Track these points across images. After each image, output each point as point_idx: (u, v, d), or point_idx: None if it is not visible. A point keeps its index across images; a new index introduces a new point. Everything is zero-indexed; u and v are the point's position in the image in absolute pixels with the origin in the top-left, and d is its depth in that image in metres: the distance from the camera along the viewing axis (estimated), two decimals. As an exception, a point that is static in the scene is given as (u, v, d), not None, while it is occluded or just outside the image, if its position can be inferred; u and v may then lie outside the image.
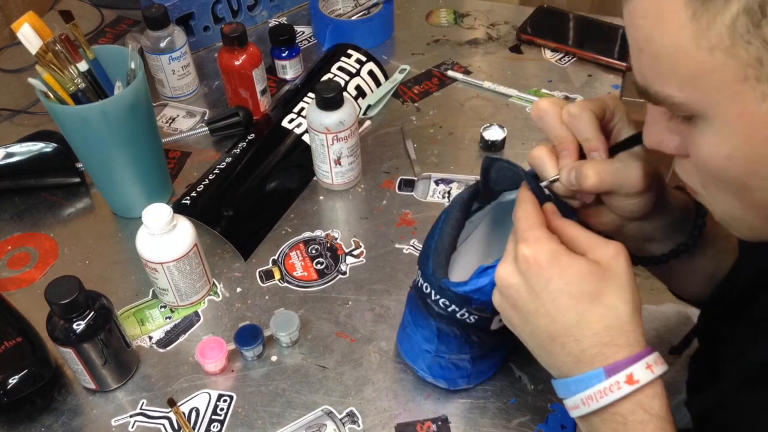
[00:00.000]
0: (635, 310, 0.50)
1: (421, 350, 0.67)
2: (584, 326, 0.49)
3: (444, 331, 0.64)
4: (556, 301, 0.50)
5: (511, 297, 0.52)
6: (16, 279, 0.84)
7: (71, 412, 0.71)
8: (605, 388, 0.48)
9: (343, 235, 0.87)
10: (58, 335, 0.66)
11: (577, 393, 0.50)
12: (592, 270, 0.50)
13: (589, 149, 0.55)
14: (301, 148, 0.94)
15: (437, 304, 0.61)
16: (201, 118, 1.04)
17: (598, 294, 0.49)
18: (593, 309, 0.49)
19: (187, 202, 0.86)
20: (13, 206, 0.92)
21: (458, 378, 0.68)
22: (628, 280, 0.50)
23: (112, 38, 1.20)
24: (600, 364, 0.48)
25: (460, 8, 1.23)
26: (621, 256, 0.50)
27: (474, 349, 0.66)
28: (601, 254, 0.50)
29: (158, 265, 0.73)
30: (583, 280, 0.49)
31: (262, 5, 1.20)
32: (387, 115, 1.03)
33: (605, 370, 0.48)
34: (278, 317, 0.75)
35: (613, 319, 0.49)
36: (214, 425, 0.69)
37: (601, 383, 0.48)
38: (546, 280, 0.50)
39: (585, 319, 0.49)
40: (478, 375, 0.69)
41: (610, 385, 0.48)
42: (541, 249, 0.50)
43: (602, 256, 0.50)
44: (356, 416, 0.69)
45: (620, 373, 0.48)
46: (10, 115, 1.06)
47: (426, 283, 0.62)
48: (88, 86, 0.79)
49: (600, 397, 0.48)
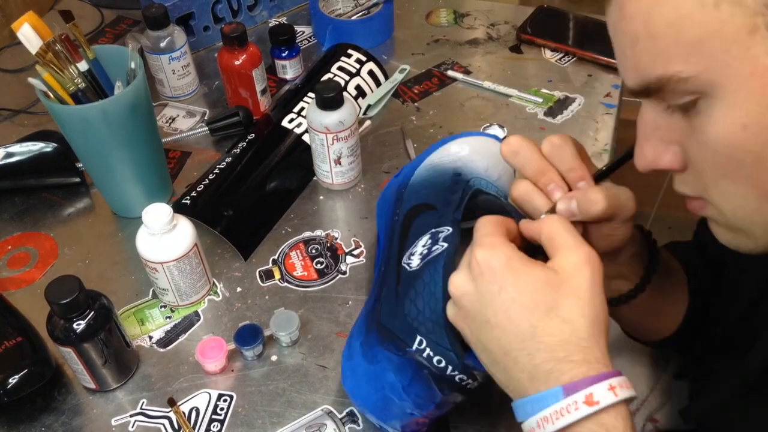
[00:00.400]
0: (595, 325, 0.46)
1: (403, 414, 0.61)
2: (537, 339, 0.46)
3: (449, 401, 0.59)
4: (508, 310, 0.47)
5: (464, 307, 0.49)
6: (17, 279, 0.84)
7: (71, 412, 0.71)
8: (562, 408, 0.44)
9: (343, 234, 0.87)
10: (59, 335, 0.66)
11: (533, 414, 0.46)
12: (548, 279, 0.47)
13: (575, 179, 0.53)
14: (301, 148, 0.94)
15: (453, 380, 0.56)
16: (201, 118, 1.04)
17: (553, 306, 0.46)
18: (547, 322, 0.46)
19: (187, 202, 0.86)
20: (13, 206, 0.92)
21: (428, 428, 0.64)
22: (589, 292, 0.46)
23: (112, 38, 1.20)
24: (555, 382, 0.45)
25: (460, 8, 1.23)
26: (586, 266, 0.47)
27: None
28: (565, 262, 0.47)
29: (158, 265, 0.73)
30: (538, 291, 0.46)
31: (262, 5, 1.20)
32: (387, 114, 1.04)
33: (564, 388, 0.45)
34: (278, 317, 0.75)
35: (569, 334, 0.46)
36: (214, 425, 0.69)
37: (558, 403, 0.45)
38: (498, 287, 0.47)
39: (538, 332, 0.46)
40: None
41: (567, 405, 0.44)
42: (494, 254, 0.47)
43: (564, 265, 0.47)
44: (356, 416, 0.69)
45: (579, 393, 0.44)
46: (10, 114, 1.06)
47: (439, 357, 0.55)
48: (89, 86, 0.79)
49: (556, 418, 0.45)
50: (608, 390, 0.44)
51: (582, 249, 0.48)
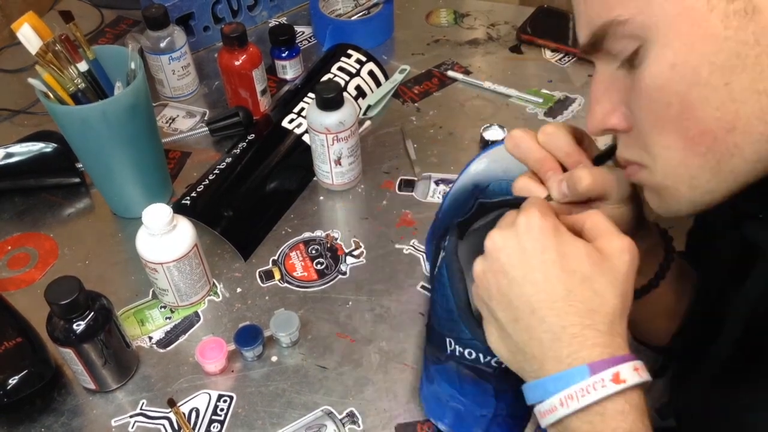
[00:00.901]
0: (623, 307, 0.48)
1: (475, 418, 0.63)
2: (569, 303, 0.47)
3: (501, 389, 0.61)
4: (548, 271, 0.48)
5: (499, 261, 0.50)
6: (16, 279, 0.84)
7: (71, 413, 0.71)
8: (588, 386, 0.45)
9: (343, 235, 0.87)
10: (58, 335, 0.66)
11: (556, 393, 0.47)
12: (590, 254, 0.48)
13: (572, 163, 0.54)
14: (301, 148, 0.94)
15: (490, 365, 0.58)
16: (201, 119, 1.04)
17: (589, 277, 0.48)
18: (581, 289, 0.47)
19: (187, 203, 0.86)
20: (13, 206, 0.92)
21: (515, 427, 0.65)
22: (625, 277, 0.48)
23: (112, 38, 1.20)
24: (578, 346, 0.46)
25: (460, 8, 1.23)
26: (627, 253, 0.49)
27: None
28: (608, 245, 0.49)
29: (158, 266, 0.73)
30: (578, 260, 0.48)
31: (262, 5, 1.20)
32: (387, 115, 1.03)
33: (590, 367, 0.46)
34: (278, 317, 0.75)
35: (598, 305, 0.47)
36: (214, 425, 0.69)
37: (585, 380, 0.45)
38: (543, 247, 0.48)
39: (571, 296, 0.47)
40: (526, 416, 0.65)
41: (594, 382, 0.45)
42: (544, 220, 0.49)
43: (607, 247, 0.49)
44: (356, 416, 0.69)
45: (606, 371, 0.45)
46: (9, 115, 1.06)
47: (468, 349, 0.58)
48: (88, 86, 0.79)
49: (581, 395, 0.45)
50: (634, 371, 0.46)
51: (625, 238, 0.49)
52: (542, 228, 0.49)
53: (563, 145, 0.54)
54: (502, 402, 0.62)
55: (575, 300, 0.47)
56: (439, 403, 0.66)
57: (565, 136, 0.54)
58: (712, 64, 0.39)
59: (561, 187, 0.53)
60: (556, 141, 0.54)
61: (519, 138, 0.56)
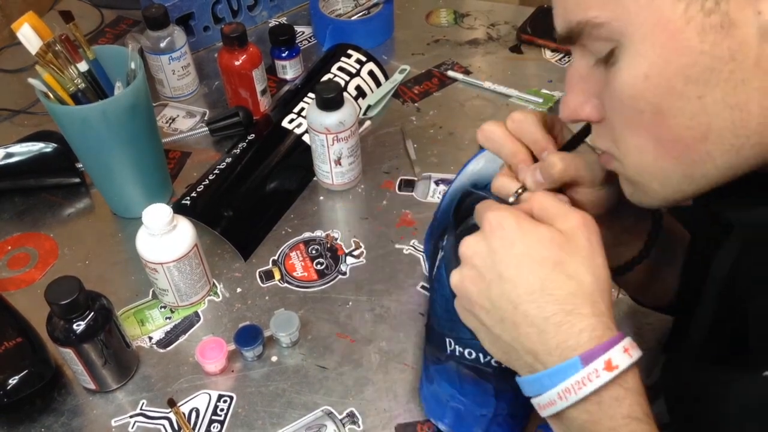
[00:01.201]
0: (598, 282, 0.48)
1: (475, 418, 0.64)
2: (547, 292, 0.47)
3: (502, 389, 0.61)
4: (519, 265, 0.48)
5: (475, 267, 0.51)
6: (16, 279, 0.84)
7: (71, 413, 0.71)
8: (583, 378, 0.45)
9: (343, 235, 0.87)
10: (58, 335, 0.66)
11: (552, 387, 0.47)
12: (554, 237, 0.49)
13: (540, 150, 0.55)
14: (301, 148, 0.94)
15: (489, 365, 0.58)
16: (201, 119, 1.04)
17: (559, 262, 0.48)
18: (555, 276, 0.47)
19: (187, 203, 0.86)
20: (13, 206, 0.92)
21: (515, 427, 0.65)
22: (592, 252, 0.48)
23: (112, 38, 1.20)
24: (565, 335, 0.46)
25: (460, 8, 1.23)
26: (584, 227, 0.49)
27: None
28: (566, 225, 0.49)
29: (158, 266, 0.73)
30: (545, 247, 0.48)
31: (262, 5, 1.20)
32: (387, 115, 1.03)
33: (581, 358, 0.46)
34: (278, 318, 0.75)
35: (575, 288, 0.47)
36: (214, 426, 0.69)
37: (578, 372, 0.46)
38: (509, 243, 0.49)
39: (547, 285, 0.47)
40: (527, 415, 0.66)
41: (588, 374, 0.45)
42: (505, 215, 0.50)
43: (566, 227, 0.49)
44: (356, 417, 0.69)
45: (598, 360, 0.45)
46: (10, 115, 1.06)
47: (468, 348, 0.59)
48: (88, 86, 0.79)
49: (578, 388, 0.46)
50: (624, 353, 0.46)
51: (575, 213, 0.50)
52: (505, 225, 0.49)
53: (531, 132, 0.55)
54: (503, 402, 0.62)
55: (552, 288, 0.48)
56: (439, 403, 0.66)
57: (533, 122, 0.55)
58: (687, 77, 0.39)
59: (535, 175, 0.54)
60: (525, 128, 0.55)
61: (489, 131, 0.56)
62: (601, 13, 0.41)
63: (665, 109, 0.41)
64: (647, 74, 0.40)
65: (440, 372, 0.64)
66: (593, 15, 0.41)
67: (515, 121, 0.55)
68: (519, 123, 0.55)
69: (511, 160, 0.55)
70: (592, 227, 0.49)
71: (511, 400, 0.62)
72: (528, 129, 0.55)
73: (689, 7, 0.38)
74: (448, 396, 0.64)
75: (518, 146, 0.55)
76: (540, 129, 0.55)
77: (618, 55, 0.42)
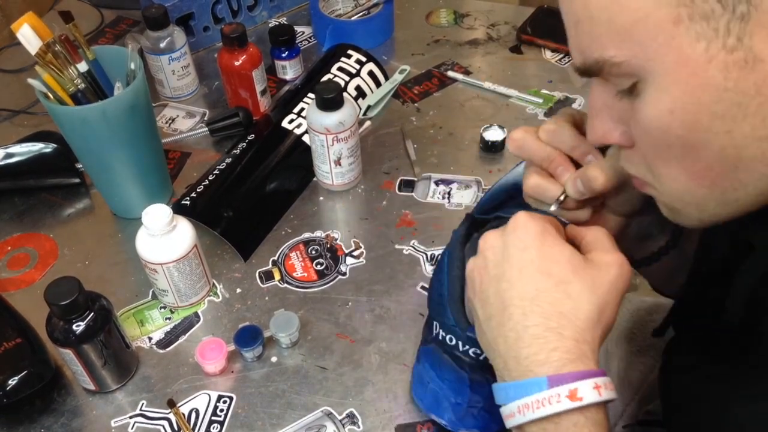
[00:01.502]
0: (596, 316, 0.47)
1: (450, 404, 0.64)
2: (536, 302, 0.47)
3: (477, 381, 0.62)
4: (523, 269, 0.49)
5: (486, 259, 0.51)
6: (16, 280, 0.84)
7: (71, 413, 0.71)
8: (544, 399, 0.45)
9: (343, 235, 0.87)
10: (58, 336, 0.65)
11: (515, 399, 0.47)
12: (572, 260, 0.49)
13: (581, 155, 0.54)
14: (301, 148, 0.94)
15: (467, 355, 0.59)
16: (201, 119, 1.04)
17: (566, 281, 0.48)
18: (553, 291, 0.47)
19: (187, 203, 0.86)
20: (13, 207, 0.92)
21: (491, 423, 0.64)
22: (607, 289, 0.48)
23: (112, 39, 1.20)
24: (538, 348, 0.46)
25: (460, 8, 1.23)
26: (615, 267, 0.48)
27: None
28: (598, 257, 0.49)
29: (158, 266, 0.73)
30: (558, 264, 0.48)
31: (261, 5, 1.20)
32: (387, 115, 1.03)
33: (549, 379, 0.45)
34: (278, 318, 0.75)
35: (569, 309, 0.47)
36: (214, 426, 0.69)
37: (541, 392, 0.46)
38: (523, 246, 0.49)
39: (541, 297, 0.47)
40: None
41: (549, 396, 0.45)
42: (534, 220, 0.50)
43: (597, 259, 0.49)
44: (356, 417, 0.69)
45: (563, 386, 0.45)
46: (9, 115, 1.06)
47: (450, 335, 0.59)
48: (88, 87, 0.79)
49: (536, 407, 0.46)
50: (593, 389, 0.45)
51: (618, 254, 0.49)
52: (528, 228, 0.49)
53: (568, 139, 0.54)
54: (477, 394, 0.62)
55: (543, 301, 0.47)
56: (421, 382, 0.67)
57: (567, 130, 0.54)
58: (713, 113, 0.38)
59: (576, 185, 0.53)
60: (560, 137, 0.54)
61: (521, 140, 0.55)
62: (619, 53, 0.40)
63: (693, 143, 0.40)
64: (672, 109, 0.40)
65: (425, 353, 0.66)
66: (611, 54, 0.40)
67: (549, 131, 0.54)
68: (553, 133, 0.54)
69: (548, 166, 0.55)
70: (624, 272, 0.49)
71: (487, 394, 0.62)
72: (564, 137, 0.54)
73: (710, 46, 0.36)
74: (428, 377, 0.65)
75: (553, 151, 0.54)
76: (575, 134, 0.54)
77: (641, 88, 0.41)
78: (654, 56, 0.39)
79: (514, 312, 0.48)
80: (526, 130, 0.55)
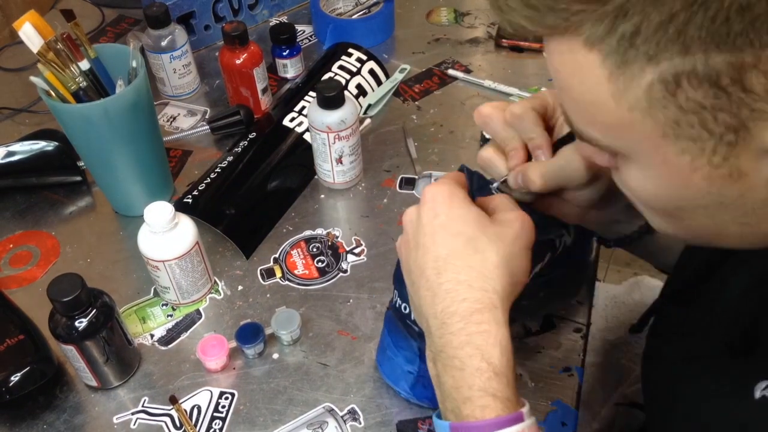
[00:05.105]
0: (504, 266, 0.49)
1: (403, 372, 0.67)
2: (449, 261, 0.50)
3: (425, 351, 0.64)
4: (435, 234, 0.51)
5: (407, 234, 0.54)
6: (18, 277, 0.84)
7: (73, 410, 0.71)
8: None
9: (344, 233, 0.87)
10: (61, 333, 0.66)
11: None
12: (479, 218, 0.51)
13: (534, 147, 0.56)
14: (302, 147, 0.94)
15: (417, 324, 0.60)
16: (202, 117, 1.05)
17: (473, 237, 0.50)
18: (463, 249, 0.50)
19: (189, 201, 0.86)
20: (15, 204, 0.92)
21: None
22: (511, 240, 0.50)
23: (114, 37, 1.20)
24: (450, 301, 0.49)
25: (460, 7, 1.23)
26: (516, 222, 0.51)
27: None
28: (501, 216, 0.52)
29: (160, 263, 0.73)
30: (466, 223, 0.50)
31: (262, 4, 1.20)
32: (388, 113, 1.04)
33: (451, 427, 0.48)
34: (279, 315, 0.75)
35: (477, 262, 0.49)
36: (216, 422, 0.69)
37: None
38: (434, 214, 0.51)
39: (452, 255, 0.50)
40: None
41: None
42: (440, 188, 0.52)
43: (501, 216, 0.52)
44: (357, 413, 0.70)
45: None
46: (11, 113, 1.06)
47: (404, 303, 0.61)
48: (90, 85, 0.79)
49: None
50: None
51: (519, 212, 0.52)
52: (435, 197, 0.52)
53: (527, 129, 0.56)
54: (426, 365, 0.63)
55: (455, 258, 0.50)
56: (382, 349, 0.69)
57: (530, 119, 0.56)
58: (696, 205, 0.40)
59: (517, 178, 0.56)
60: (521, 124, 0.56)
61: (487, 115, 0.58)
62: (603, 139, 0.40)
63: (677, 215, 0.42)
64: (656, 193, 0.41)
65: (386, 320, 0.68)
66: (594, 136, 0.41)
67: (513, 115, 0.56)
68: (517, 118, 0.56)
69: (504, 145, 0.57)
70: (526, 225, 0.51)
71: None
72: (525, 125, 0.56)
73: (695, 160, 0.37)
74: (386, 343, 0.68)
75: (512, 134, 0.57)
76: (536, 126, 0.56)
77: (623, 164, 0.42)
78: (639, 152, 0.39)
79: (430, 274, 0.50)
80: (495, 107, 0.57)
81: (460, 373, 0.47)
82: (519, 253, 0.50)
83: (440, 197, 0.52)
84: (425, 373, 0.64)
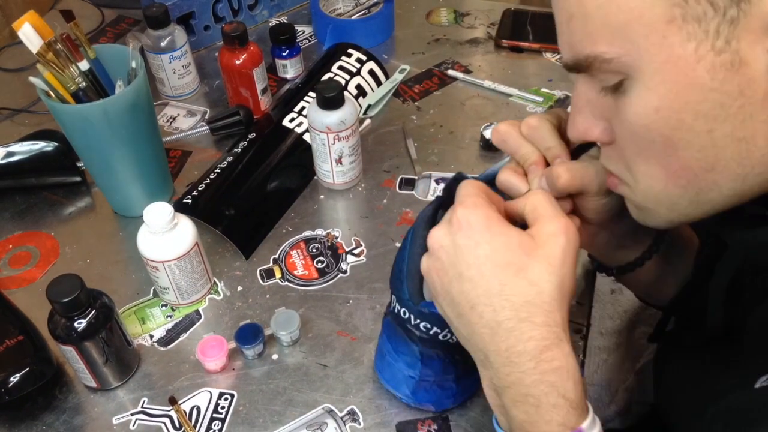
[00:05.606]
0: (560, 291, 0.48)
1: (404, 377, 0.66)
2: (504, 297, 0.48)
3: (427, 355, 0.63)
4: (481, 266, 0.49)
5: (440, 260, 0.51)
6: (17, 278, 0.84)
7: (72, 411, 0.71)
8: None
9: (344, 234, 0.87)
10: (60, 333, 0.66)
11: None
12: (522, 242, 0.49)
13: (553, 156, 0.55)
14: (302, 147, 0.94)
15: (418, 329, 0.60)
16: (201, 118, 1.04)
17: (523, 268, 0.48)
18: (516, 281, 0.48)
19: (188, 201, 0.86)
20: (14, 205, 0.92)
21: (444, 399, 0.67)
22: (560, 260, 0.48)
23: (113, 37, 1.20)
24: (514, 341, 0.48)
25: (460, 7, 1.23)
26: (561, 235, 0.49)
27: (458, 369, 0.64)
28: (542, 230, 0.50)
29: (159, 264, 0.73)
30: (511, 251, 0.49)
31: (262, 4, 1.20)
32: (388, 114, 1.04)
33: None
34: (279, 316, 0.75)
35: (533, 296, 0.48)
36: (215, 423, 0.69)
37: None
38: (475, 243, 0.49)
39: (506, 290, 0.48)
40: (463, 392, 0.68)
41: None
42: (474, 212, 0.50)
43: (541, 233, 0.50)
44: (357, 414, 0.69)
45: None
46: (11, 114, 1.06)
47: (404, 308, 0.60)
48: (89, 85, 0.79)
49: None
50: None
51: (559, 219, 0.50)
52: (472, 223, 0.49)
53: (545, 138, 0.55)
54: (428, 368, 0.64)
55: (510, 293, 0.48)
56: (381, 355, 0.69)
57: (547, 129, 0.55)
58: (697, 112, 0.40)
59: (541, 183, 0.54)
60: (539, 134, 0.55)
61: (504, 132, 0.56)
62: (610, 50, 0.41)
63: (675, 141, 0.42)
64: (658, 107, 0.41)
65: (384, 326, 0.68)
66: (602, 50, 0.41)
67: (530, 127, 0.55)
68: (533, 129, 0.55)
69: (523, 162, 0.56)
70: (572, 236, 0.49)
71: (437, 369, 0.64)
72: (542, 136, 0.55)
73: (700, 46, 0.38)
74: (386, 350, 0.67)
75: (531, 148, 0.55)
76: (553, 135, 0.55)
77: (627, 86, 0.42)
78: (645, 54, 0.40)
79: (484, 310, 0.49)
80: (511, 124, 0.57)
81: (535, 409, 0.47)
82: (569, 273, 0.49)
83: (477, 223, 0.49)
84: (427, 376, 0.65)
